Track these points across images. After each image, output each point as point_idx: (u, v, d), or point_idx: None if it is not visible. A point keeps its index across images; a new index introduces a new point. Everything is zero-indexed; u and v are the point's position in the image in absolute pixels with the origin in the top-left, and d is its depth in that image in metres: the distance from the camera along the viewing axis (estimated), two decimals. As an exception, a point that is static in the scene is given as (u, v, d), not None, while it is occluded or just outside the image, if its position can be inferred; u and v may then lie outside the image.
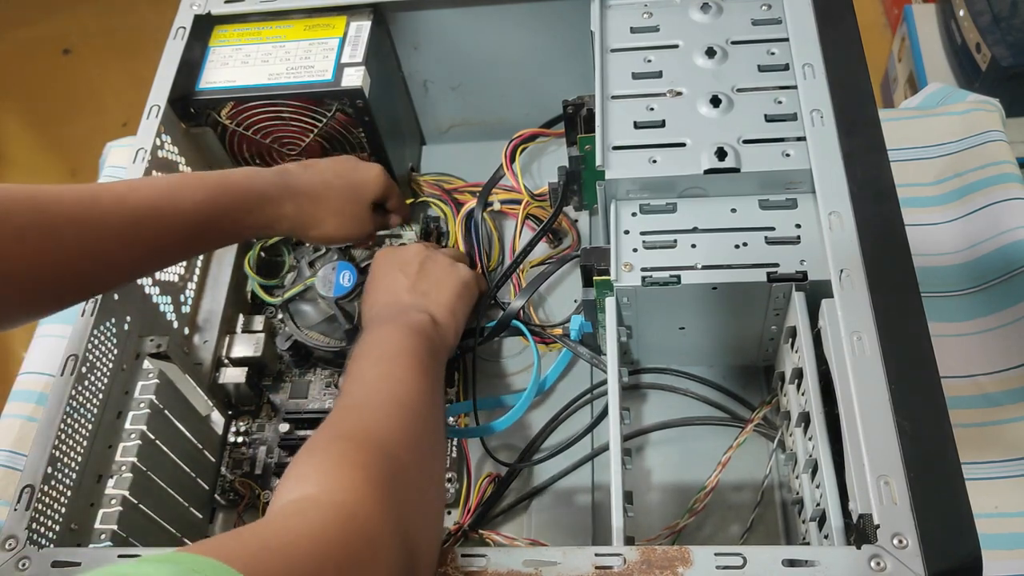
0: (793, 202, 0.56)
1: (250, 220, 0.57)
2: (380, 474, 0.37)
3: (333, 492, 0.35)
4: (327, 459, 0.37)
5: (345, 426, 0.44)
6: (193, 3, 0.71)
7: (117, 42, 2.13)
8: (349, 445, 0.40)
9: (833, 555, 0.41)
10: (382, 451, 0.40)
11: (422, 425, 0.47)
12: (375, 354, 0.53)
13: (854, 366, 0.46)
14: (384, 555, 0.33)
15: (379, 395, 0.48)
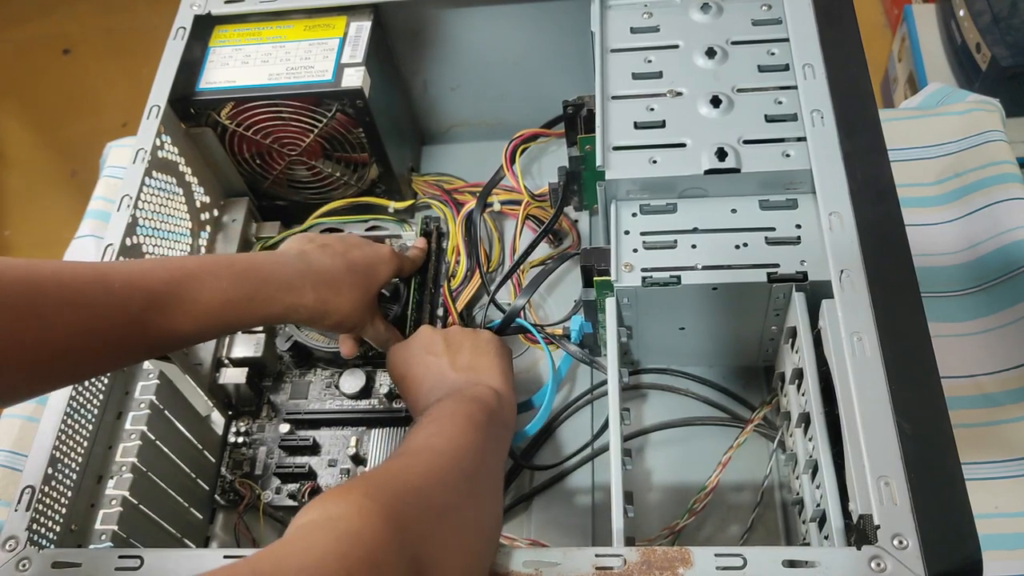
0: (793, 202, 0.56)
1: (269, 310, 0.55)
2: (392, 504, 0.37)
3: (341, 517, 0.36)
4: (343, 489, 0.38)
5: (372, 472, 0.44)
6: (193, 3, 0.71)
7: (117, 42, 2.13)
8: (368, 480, 0.40)
9: (833, 556, 0.41)
10: (403, 486, 0.40)
11: (458, 470, 0.45)
12: (424, 421, 0.50)
13: (854, 366, 0.46)
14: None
15: (416, 445, 0.47)
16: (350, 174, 0.75)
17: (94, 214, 0.91)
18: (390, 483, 0.40)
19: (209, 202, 0.73)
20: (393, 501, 0.38)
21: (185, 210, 0.69)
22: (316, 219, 0.76)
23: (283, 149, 0.72)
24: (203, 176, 0.72)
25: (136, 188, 0.62)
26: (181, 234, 0.68)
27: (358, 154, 0.73)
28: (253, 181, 0.76)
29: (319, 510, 0.36)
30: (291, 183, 0.76)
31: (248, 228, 0.76)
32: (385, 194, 0.77)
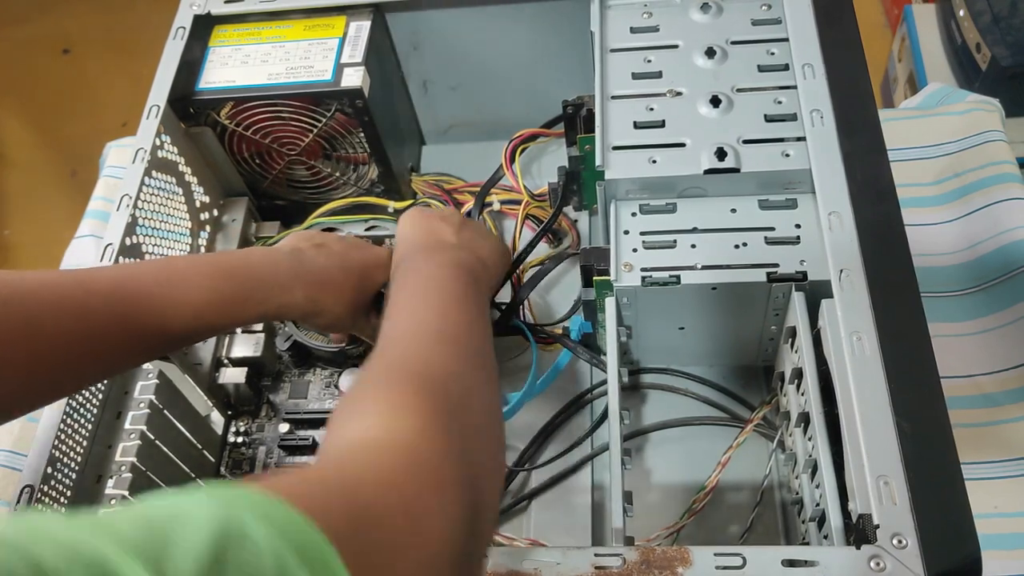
0: (793, 202, 0.56)
1: (259, 309, 0.54)
2: (438, 409, 0.35)
3: (394, 431, 0.33)
4: (385, 394, 0.36)
5: (395, 359, 0.41)
6: (193, 3, 0.71)
7: (117, 42, 2.13)
8: (404, 380, 0.37)
9: (833, 555, 0.41)
10: (436, 385, 0.38)
11: (469, 360, 0.43)
12: (420, 284, 0.49)
13: (854, 366, 0.46)
14: (451, 492, 0.32)
15: (425, 327, 0.45)
16: (350, 174, 0.75)
17: (94, 214, 0.91)
18: (428, 385, 0.37)
19: (209, 202, 0.73)
20: (437, 402, 0.35)
21: (185, 210, 0.69)
22: (315, 219, 0.76)
23: (282, 149, 0.72)
24: (203, 176, 0.72)
25: (136, 188, 0.62)
26: (181, 234, 0.68)
27: (358, 154, 0.73)
28: (253, 181, 0.76)
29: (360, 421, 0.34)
30: (291, 183, 0.76)
31: (248, 228, 0.76)
32: (385, 194, 0.77)
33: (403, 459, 0.31)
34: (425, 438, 0.32)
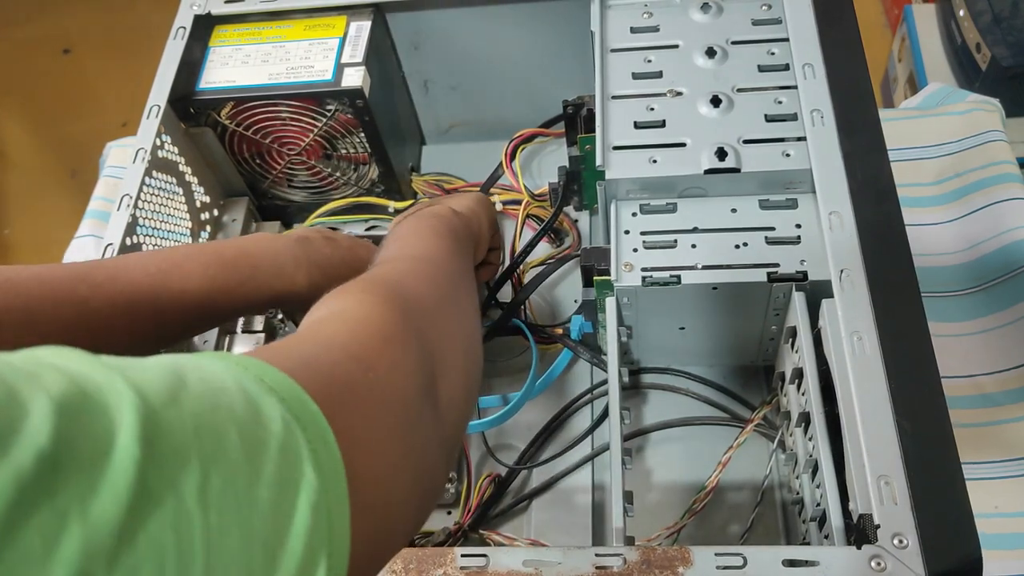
0: (793, 202, 0.56)
1: (259, 296, 0.54)
2: (393, 298, 0.38)
3: (346, 309, 0.37)
4: (346, 289, 0.39)
5: (367, 275, 0.44)
6: (193, 3, 0.71)
7: (117, 42, 2.13)
8: (363, 279, 0.41)
9: (833, 555, 0.41)
10: (397, 285, 0.41)
11: (440, 273, 0.46)
12: (391, 239, 0.51)
13: (854, 366, 0.46)
14: (404, 359, 0.35)
15: (391, 254, 0.48)
16: (350, 174, 0.75)
17: (94, 214, 0.91)
18: (384, 280, 0.41)
19: (209, 202, 0.73)
20: (391, 293, 0.39)
21: (185, 210, 0.69)
22: (316, 219, 0.76)
23: (283, 149, 0.72)
24: (203, 176, 0.72)
25: (136, 188, 0.62)
26: (181, 234, 0.68)
27: (358, 154, 0.73)
28: (253, 181, 0.76)
29: (323, 309, 0.37)
30: (291, 183, 0.76)
31: (248, 228, 0.76)
32: (385, 194, 0.77)
33: (360, 328, 0.35)
34: (380, 315, 0.36)
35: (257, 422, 0.24)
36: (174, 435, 0.21)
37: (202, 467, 0.21)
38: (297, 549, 0.24)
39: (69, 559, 0.17)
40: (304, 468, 0.25)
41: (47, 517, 0.17)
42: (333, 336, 0.34)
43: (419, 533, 0.62)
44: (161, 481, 0.20)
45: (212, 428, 0.22)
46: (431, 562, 0.44)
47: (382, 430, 0.31)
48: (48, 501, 0.17)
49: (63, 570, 0.17)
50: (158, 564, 0.19)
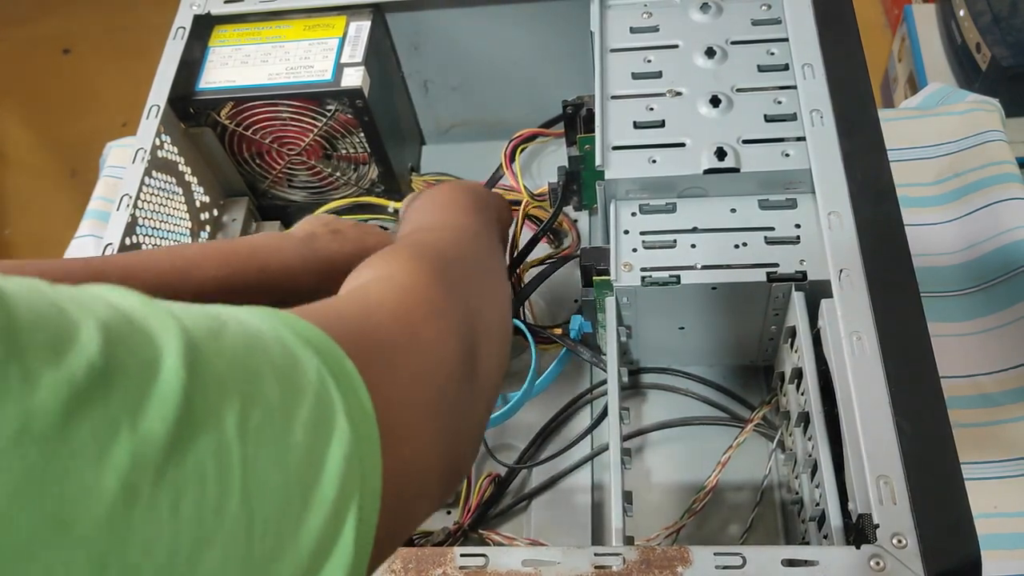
0: (793, 202, 0.56)
1: (266, 296, 0.53)
2: (439, 268, 0.39)
3: (394, 275, 0.37)
4: (393, 255, 0.39)
5: (403, 239, 0.45)
6: (193, 3, 0.71)
7: (117, 42, 2.13)
8: (410, 247, 0.41)
9: (833, 555, 0.41)
10: (441, 255, 0.42)
11: (474, 242, 0.46)
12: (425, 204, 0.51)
13: (854, 366, 0.46)
14: (448, 326, 0.35)
15: (433, 221, 0.48)
16: (350, 174, 0.75)
17: (94, 214, 0.91)
18: (428, 249, 0.41)
19: (209, 202, 0.73)
20: (436, 263, 0.39)
21: (185, 210, 0.69)
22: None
23: (283, 149, 0.72)
24: (203, 176, 0.72)
25: (136, 188, 0.62)
26: (181, 234, 0.68)
27: (358, 154, 0.73)
28: (253, 181, 0.76)
29: (369, 272, 0.38)
30: (291, 183, 0.76)
31: (248, 228, 0.76)
32: (385, 194, 0.77)
33: (408, 295, 0.35)
34: (427, 284, 0.36)
35: (293, 369, 0.25)
36: (216, 367, 0.22)
37: (241, 401, 0.22)
38: (329, 494, 0.24)
39: (119, 465, 0.18)
40: (337, 418, 0.25)
41: (99, 423, 0.18)
42: (381, 301, 0.34)
43: (418, 532, 0.62)
44: (205, 407, 0.21)
45: (250, 368, 0.23)
46: (430, 562, 0.44)
47: (419, 395, 0.31)
48: (101, 408, 0.18)
49: (114, 474, 0.18)
50: (200, 486, 0.20)
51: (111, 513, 0.17)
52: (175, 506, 0.19)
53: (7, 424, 0.16)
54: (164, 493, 0.19)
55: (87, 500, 0.17)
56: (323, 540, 0.24)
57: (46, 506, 0.16)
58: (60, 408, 0.17)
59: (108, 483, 0.17)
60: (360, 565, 0.25)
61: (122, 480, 0.18)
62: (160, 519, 0.18)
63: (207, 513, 0.20)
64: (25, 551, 0.16)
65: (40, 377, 0.17)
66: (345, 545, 0.25)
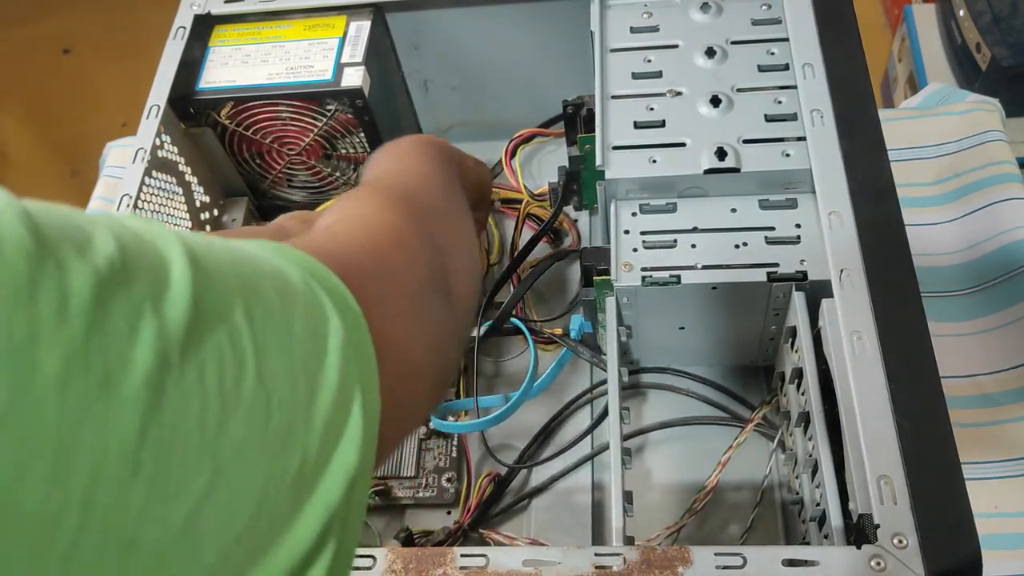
0: (793, 202, 0.56)
1: None
2: (405, 204, 0.41)
3: (366, 212, 0.39)
4: (358, 195, 0.42)
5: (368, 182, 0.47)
6: (193, 3, 0.71)
7: (117, 42, 2.13)
8: (376, 187, 0.44)
9: (833, 555, 0.41)
10: (405, 191, 0.44)
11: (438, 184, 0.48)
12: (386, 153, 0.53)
13: (854, 366, 0.46)
14: (417, 256, 0.38)
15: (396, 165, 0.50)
16: (350, 174, 0.75)
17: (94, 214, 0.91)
18: (394, 187, 0.44)
19: (209, 202, 0.73)
20: (401, 199, 0.41)
21: (185, 210, 0.69)
22: (316, 219, 0.76)
23: (283, 149, 0.72)
24: (203, 176, 0.72)
25: (136, 188, 0.62)
26: (181, 234, 0.68)
27: (358, 154, 0.73)
28: (253, 181, 0.76)
29: (336, 213, 0.39)
30: (291, 183, 0.76)
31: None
32: (385, 194, 0.76)
33: (374, 228, 0.37)
34: (392, 217, 0.39)
35: (280, 274, 0.27)
36: (217, 271, 0.24)
37: (244, 299, 0.24)
38: (333, 380, 0.26)
39: (149, 341, 0.20)
40: (328, 314, 0.28)
41: (126, 307, 0.20)
42: (349, 235, 0.36)
43: (419, 532, 0.62)
44: (213, 302, 0.23)
45: (244, 273, 0.25)
46: (431, 562, 0.44)
47: (397, 302, 0.34)
48: (124, 295, 0.20)
49: (146, 348, 0.20)
50: (219, 364, 0.22)
51: (148, 379, 0.19)
52: (200, 378, 0.21)
53: (49, 301, 0.18)
54: (190, 367, 0.21)
55: (127, 367, 0.19)
56: (332, 424, 0.26)
57: (94, 370, 0.18)
58: (91, 292, 0.19)
59: (142, 355, 0.20)
60: (369, 452, 0.27)
61: (153, 353, 0.20)
62: (188, 389, 0.21)
63: (228, 387, 0.22)
64: (81, 410, 0.18)
65: (70, 266, 0.19)
66: (354, 430, 0.27)
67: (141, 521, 0.19)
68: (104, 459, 0.18)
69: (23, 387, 0.17)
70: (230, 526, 0.21)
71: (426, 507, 0.65)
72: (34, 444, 0.17)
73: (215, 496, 0.21)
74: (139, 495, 0.19)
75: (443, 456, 0.66)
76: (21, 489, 0.17)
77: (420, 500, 0.65)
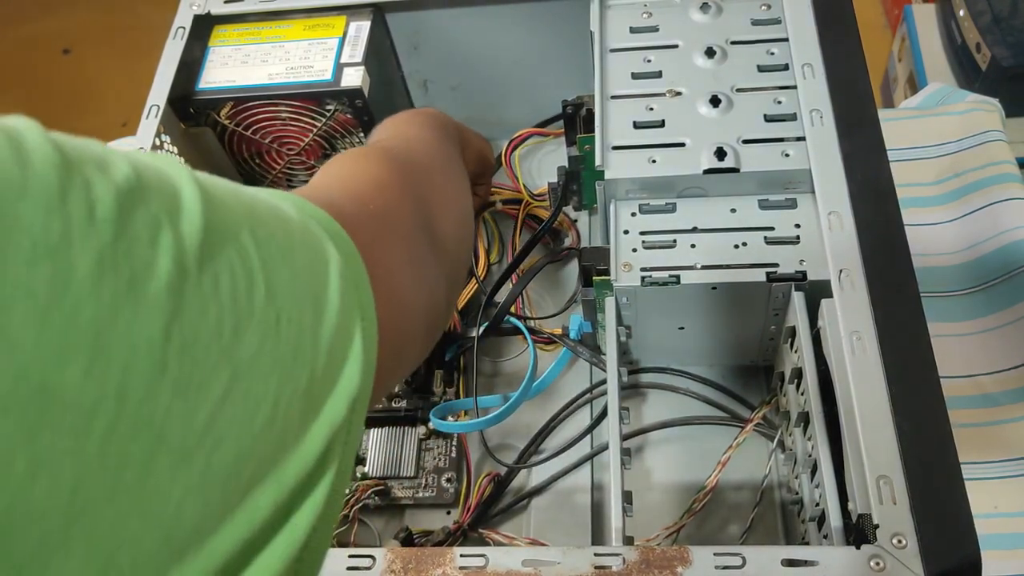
0: (793, 202, 0.56)
1: None
2: (389, 159, 0.43)
3: (348, 167, 0.41)
4: (343, 155, 0.44)
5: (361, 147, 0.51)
6: (193, 3, 0.71)
7: (117, 42, 2.13)
8: (362, 148, 0.47)
9: (832, 555, 0.41)
10: (392, 150, 0.46)
11: (433, 150, 0.51)
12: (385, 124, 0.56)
13: (853, 366, 0.46)
14: (399, 202, 0.40)
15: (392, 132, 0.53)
16: (350, 174, 0.75)
17: (94, 214, 0.91)
18: (380, 147, 0.46)
19: (209, 202, 0.73)
20: (387, 156, 0.44)
21: (185, 210, 0.69)
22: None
23: (282, 149, 0.72)
24: (203, 176, 0.72)
25: (136, 188, 0.62)
26: (181, 234, 0.68)
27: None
28: (253, 181, 0.76)
29: (321, 175, 0.41)
30: (290, 183, 0.76)
31: (248, 228, 0.76)
32: (385, 194, 0.77)
33: (354, 178, 0.40)
34: (375, 168, 0.41)
35: (278, 208, 0.29)
36: (221, 199, 0.25)
37: (248, 224, 0.25)
38: (335, 303, 0.28)
39: (168, 250, 0.21)
40: (325, 244, 0.29)
41: (146, 218, 0.21)
42: (329, 186, 0.38)
43: (418, 532, 0.62)
44: (221, 223, 0.24)
45: (246, 202, 0.27)
46: (430, 562, 0.44)
47: (382, 241, 0.36)
48: (143, 208, 0.21)
49: (165, 256, 0.21)
50: (231, 277, 0.23)
51: (169, 284, 0.21)
52: (215, 290, 0.22)
53: (79, 208, 0.19)
54: (206, 278, 0.22)
55: (150, 272, 0.20)
56: (336, 347, 0.27)
57: (122, 273, 0.20)
58: (114, 202, 0.20)
59: (163, 262, 0.21)
60: (368, 377, 0.29)
61: (172, 262, 0.21)
62: (206, 298, 0.22)
63: (241, 300, 0.23)
64: (113, 307, 0.19)
65: (93, 180, 0.20)
66: (356, 353, 0.28)
67: (168, 417, 0.20)
68: (134, 356, 0.19)
69: (62, 282, 0.18)
70: (247, 431, 0.23)
71: (426, 507, 0.65)
72: (74, 336, 0.18)
73: (233, 400, 0.22)
74: (166, 393, 0.20)
75: (443, 456, 0.66)
76: (63, 379, 0.18)
77: (420, 500, 0.65)
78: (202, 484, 0.21)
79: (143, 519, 0.20)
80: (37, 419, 0.17)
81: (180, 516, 0.21)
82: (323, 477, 0.27)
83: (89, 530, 0.18)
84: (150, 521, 0.20)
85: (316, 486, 0.26)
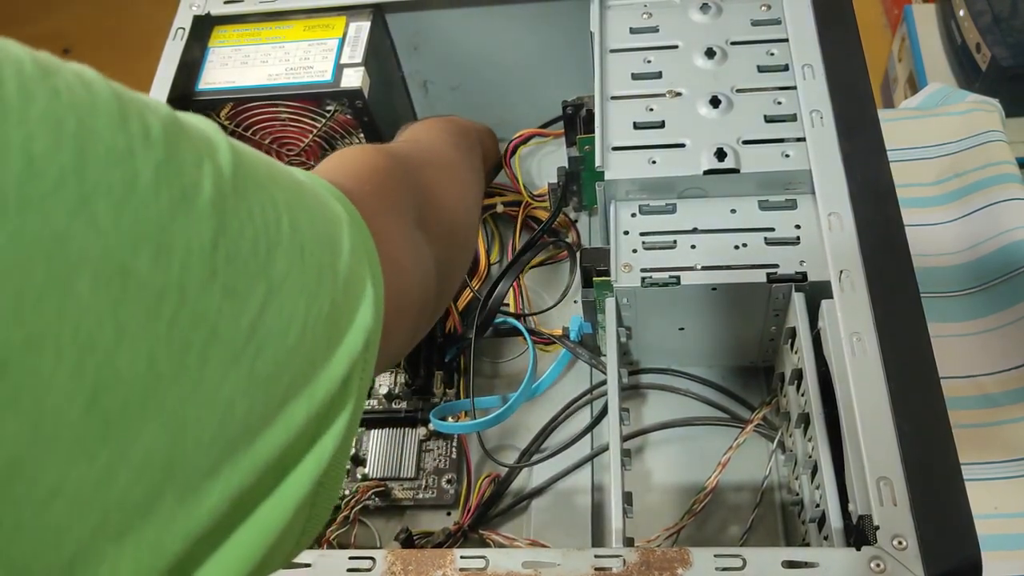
0: (793, 203, 0.56)
1: None
2: (386, 151, 0.46)
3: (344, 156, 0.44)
4: (342, 150, 0.46)
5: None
6: (192, 3, 0.71)
7: (117, 42, 2.13)
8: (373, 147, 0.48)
9: (833, 556, 0.41)
10: (392, 146, 0.49)
11: (443, 154, 0.53)
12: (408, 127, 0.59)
13: (854, 367, 0.46)
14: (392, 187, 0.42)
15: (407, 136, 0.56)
16: (350, 174, 0.75)
17: (94, 214, 0.91)
18: (387, 145, 0.49)
19: (208, 202, 0.73)
20: (385, 148, 0.46)
21: (184, 210, 0.69)
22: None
23: (282, 150, 0.72)
24: (202, 176, 0.72)
25: (135, 188, 0.62)
26: (180, 234, 0.68)
27: (358, 154, 0.73)
28: (253, 181, 0.76)
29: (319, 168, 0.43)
30: (291, 183, 0.76)
31: (248, 228, 0.76)
32: (385, 194, 0.76)
33: (355, 162, 0.43)
34: (373, 159, 0.44)
35: (293, 172, 0.31)
36: (245, 150, 0.27)
37: (268, 175, 0.28)
38: (347, 248, 0.30)
39: (209, 175, 0.24)
40: (333, 204, 0.32)
41: (189, 147, 0.23)
42: (328, 170, 0.40)
43: (419, 533, 0.62)
44: (248, 168, 0.26)
45: (265, 159, 0.29)
46: (430, 563, 0.44)
47: (381, 214, 0.38)
48: (186, 140, 0.24)
49: (208, 179, 0.23)
50: (261, 209, 0.26)
51: (213, 201, 0.23)
52: (250, 216, 0.25)
53: (137, 128, 0.22)
54: (241, 204, 0.25)
55: (198, 189, 0.23)
56: (352, 286, 0.30)
57: (176, 186, 0.22)
58: (162, 130, 0.23)
59: (207, 183, 0.23)
60: (378, 321, 0.31)
61: (213, 185, 0.24)
62: (243, 219, 0.24)
63: (271, 226, 0.26)
64: (171, 212, 0.22)
65: (144, 111, 0.23)
66: (368, 296, 0.31)
67: (220, 316, 0.23)
68: (189, 256, 0.22)
69: (130, 184, 0.21)
70: (282, 343, 0.25)
71: (426, 508, 0.65)
72: (144, 228, 0.21)
73: (271, 311, 0.25)
74: (217, 294, 0.23)
75: (443, 457, 0.66)
76: (137, 264, 0.21)
77: (420, 501, 0.65)
78: (248, 387, 0.24)
79: (202, 407, 0.22)
80: (120, 294, 0.20)
81: (231, 412, 0.23)
82: (344, 407, 0.29)
83: (161, 403, 0.21)
84: (207, 411, 0.22)
85: (339, 415, 0.29)
